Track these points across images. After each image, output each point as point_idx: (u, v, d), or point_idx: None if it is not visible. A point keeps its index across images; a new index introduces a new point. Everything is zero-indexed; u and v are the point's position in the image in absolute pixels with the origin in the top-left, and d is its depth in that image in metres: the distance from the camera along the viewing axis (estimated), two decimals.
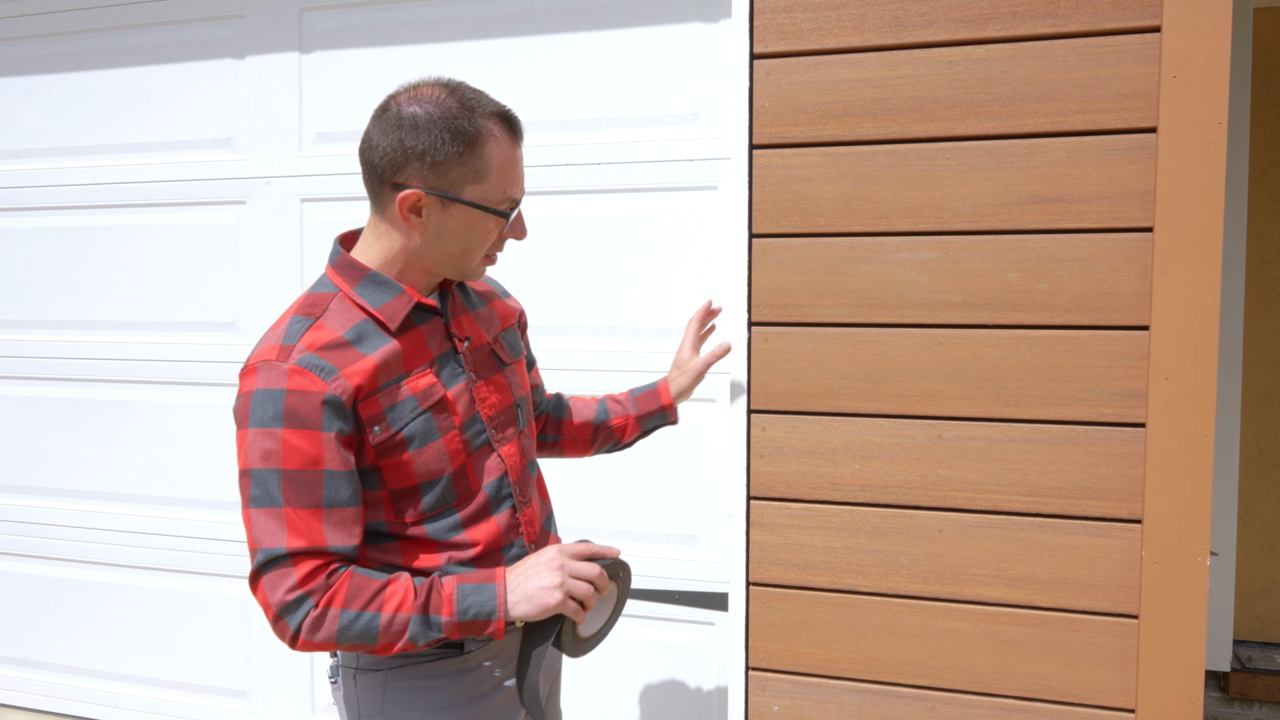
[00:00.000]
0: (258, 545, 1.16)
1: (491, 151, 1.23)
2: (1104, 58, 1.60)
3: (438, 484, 1.29)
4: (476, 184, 1.23)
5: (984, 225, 1.67)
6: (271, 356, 1.18)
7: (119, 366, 2.67)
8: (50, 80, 2.68)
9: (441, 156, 1.20)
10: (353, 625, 1.17)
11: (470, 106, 1.22)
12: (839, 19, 1.71)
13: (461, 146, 1.21)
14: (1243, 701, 2.95)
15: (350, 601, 1.16)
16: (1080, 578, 1.66)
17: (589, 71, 2.25)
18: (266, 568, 1.16)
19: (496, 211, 1.26)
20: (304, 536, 1.16)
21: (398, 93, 1.25)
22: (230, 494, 2.60)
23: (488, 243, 1.29)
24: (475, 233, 1.26)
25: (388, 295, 1.27)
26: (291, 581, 1.15)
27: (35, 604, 2.83)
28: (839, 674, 1.79)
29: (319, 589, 1.16)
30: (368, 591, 1.18)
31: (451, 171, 1.21)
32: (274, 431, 1.15)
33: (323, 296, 1.27)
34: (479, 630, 1.22)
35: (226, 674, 2.66)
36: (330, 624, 1.16)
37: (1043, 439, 1.66)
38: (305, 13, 2.45)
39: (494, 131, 1.23)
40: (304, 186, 2.48)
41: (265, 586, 1.16)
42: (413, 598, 1.19)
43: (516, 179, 1.28)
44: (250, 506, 1.16)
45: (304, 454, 1.16)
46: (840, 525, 1.77)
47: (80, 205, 2.68)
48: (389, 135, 1.21)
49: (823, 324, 1.76)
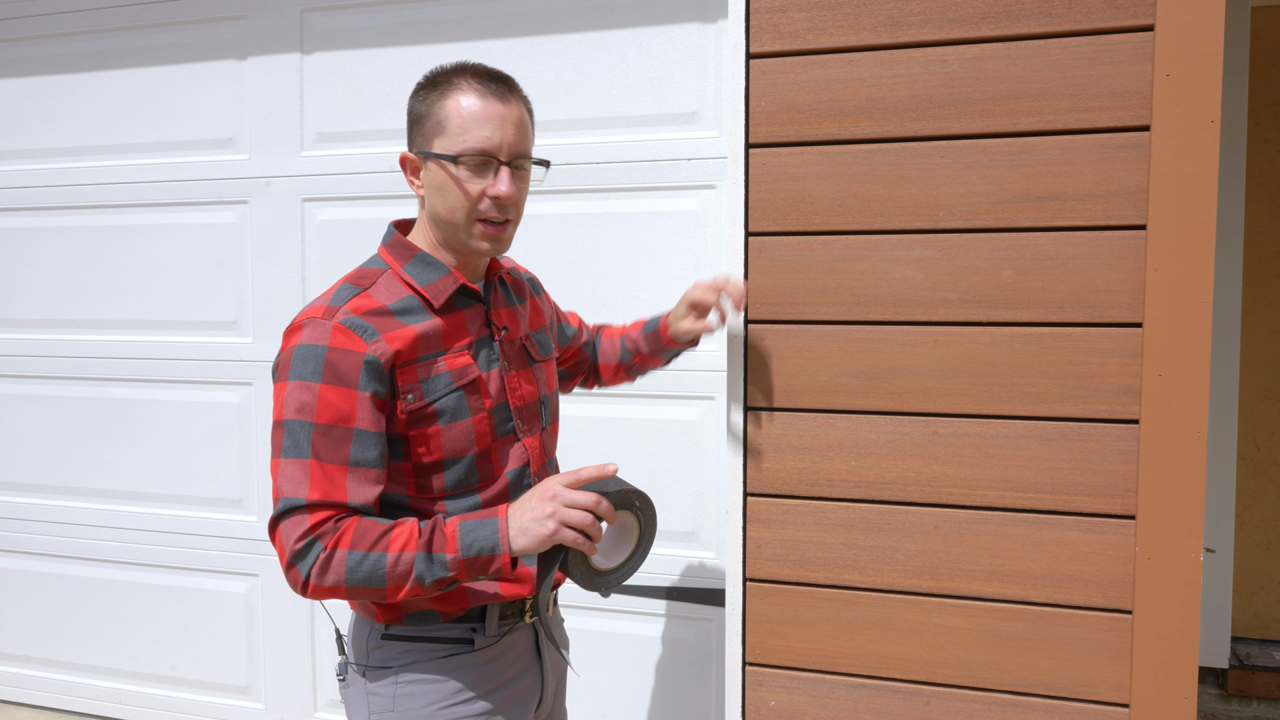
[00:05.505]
0: (281, 493, 1.19)
1: (451, 103, 1.26)
2: (1098, 56, 1.61)
3: (461, 462, 1.31)
4: (440, 136, 1.27)
5: (979, 223, 1.68)
6: (317, 315, 1.23)
7: (122, 365, 2.69)
8: (54, 81, 2.70)
9: (416, 115, 1.29)
10: (360, 566, 1.17)
11: (450, 68, 1.29)
12: (834, 19, 1.73)
13: (429, 102, 1.28)
14: (1241, 698, 2.95)
15: (357, 543, 1.18)
16: (1074, 573, 1.67)
17: (588, 71, 2.26)
18: (284, 515, 1.19)
19: (447, 157, 1.26)
20: (324, 490, 1.18)
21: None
22: (232, 492, 2.62)
23: (466, 201, 1.28)
24: (450, 188, 1.27)
25: (434, 275, 1.32)
26: (303, 528, 1.17)
27: (39, 601, 2.84)
28: (835, 669, 1.80)
29: (328, 532, 1.18)
30: (374, 534, 1.19)
31: (425, 126, 1.28)
32: (311, 385, 1.18)
33: (373, 271, 1.32)
34: (485, 567, 1.21)
35: (229, 670, 2.68)
36: (338, 566, 1.17)
37: (1037, 435, 1.67)
38: (306, 14, 2.46)
39: (460, 84, 1.27)
40: (305, 186, 2.49)
41: (281, 534, 1.19)
42: (417, 536, 1.20)
43: (481, 127, 1.25)
44: (279, 456, 1.19)
45: (337, 410, 1.19)
46: (836, 521, 1.78)
47: (84, 205, 2.70)
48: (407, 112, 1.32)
49: (819, 321, 1.77)
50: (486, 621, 1.35)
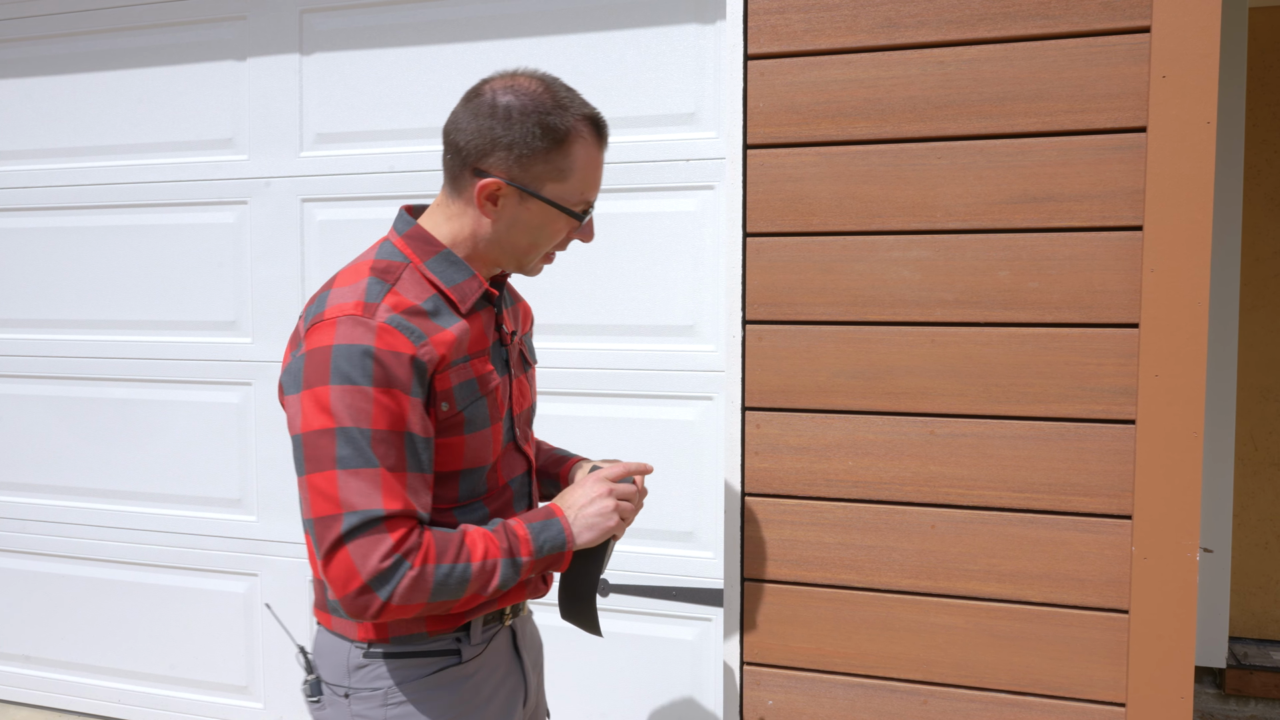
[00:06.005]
0: (348, 508, 1.09)
1: (577, 152, 1.23)
2: (1094, 58, 1.61)
3: (477, 472, 1.28)
4: (557, 182, 1.23)
5: (976, 224, 1.69)
6: (355, 312, 1.14)
7: (121, 365, 2.69)
8: (53, 81, 2.70)
9: (528, 151, 1.20)
10: (447, 580, 1.15)
11: (564, 104, 1.22)
12: (832, 20, 1.73)
13: (549, 143, 1.20)
14: (1239, 698, 2.96)
15: (441, 556, 1.15)
16: (1071, 573, 1.67)
17: (587, 72, 2.27)
18: (357, 532, 1.09)
19: (571, 212, 1.25)
20: (399, 499, 1.12)
21: (493, 79, 1.24)
22: (232, 491, 2.62)
23: (555, 241, 1.29)
24: (546, 230, 1.26)
25: (460, 276, 1.26)
26: (386, 546, 1.10)
27: (38, 601, 2.85)
28: (833, 668, 1.81)
29: (413, 548, 1.12)
30: (451, 545, 1.17)
31: (536, 166, 1.21)
32: (364, 389, 1.11)
33: (395, 264, 1.23)
34: (548, 565, 1.26)
35: (228, 669, 2.68)
36: (426, 582, 1.13)
37: (1034, 435, 1.68)
38: (306, 14, 2.47)
39: (583, 133, 1.23)
40: (305, 187, 2.50)
41: (354, 555, 1.09)
42: (497, 542, 1.20)
43: (595, 183, 1.28)
44: (337, 467, 1.10)
45: (392, 414, 1.13)
46: (834, 521, 1.79)
47: (83, 205, 2.70)
48: (479, 120, 1.20)
49: (816, 322, 1.78)
50: (471, 630, 1.31)
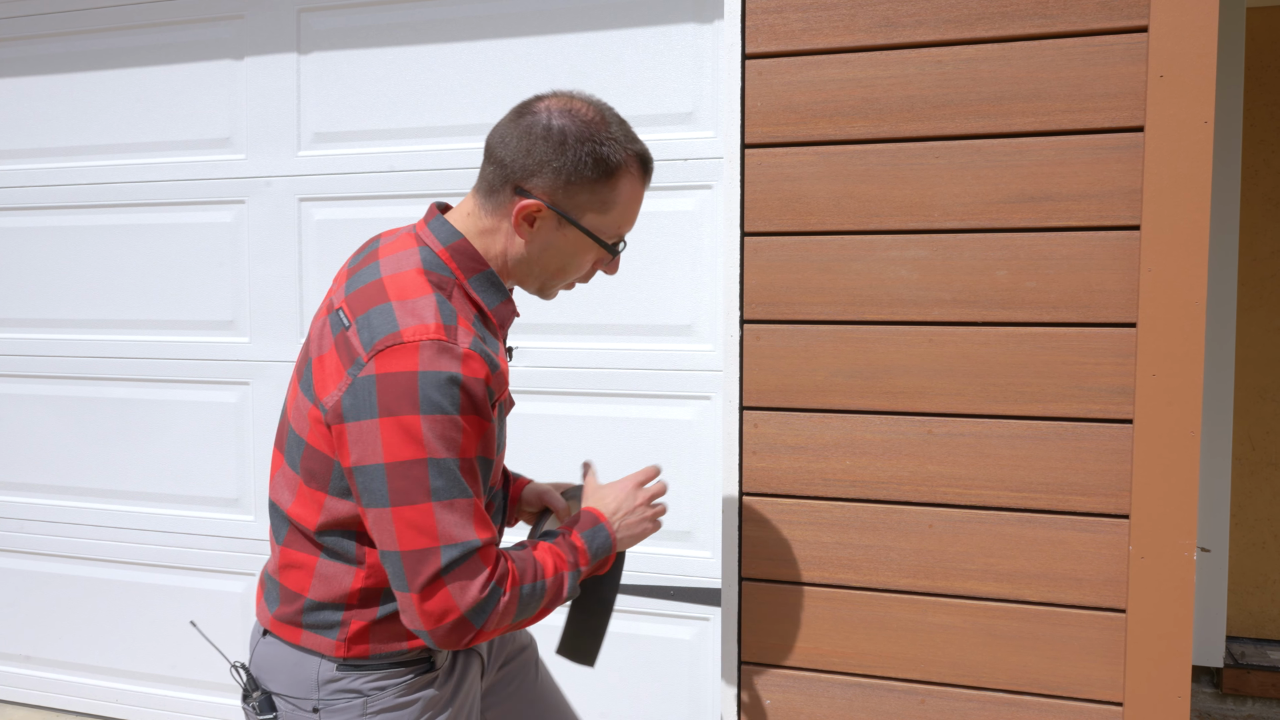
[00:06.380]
0: (446, 540, 1.08)
1: (623, 187, 1.23)
2: (1092, 57, 1.61)
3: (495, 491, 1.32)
4: (598, 213, 1.23)
5: (973, 223, 1.69)
6: (439, 336, 1.10)
7: (118, 365, 2.69)
8: (50, 81, 2.70)
9: (576, 178, 1.19)
10: (531, 598, 1.17)
11: (617, 137, 1.21)
12: (829, 19, 1.73)
13: (598, 174, 1.20)
14: (1236, 697, 2.96)
15: (523, 578, 1.17)
16: (1068, 572, 1.68)
17: (584, 72, 2.26)
18: (455, 565, 1.09)
19: (605, 245, 1.25)
20: (487, 526, 1.13)
21: (547, 98, 1.22)
22: (229, 491, 2.62)
23: (583, 270, 1.29)
24: (577, 258, 1.26)
25: (498, 298, 1.25)
26: (484, 578, 1.10)
27: (36, 600, 2.85)
28: (830, 668, 1.81)
29: (503, 575, 1.13)
30: (528, 565, 1.19)
31: (580, 195, 1.20)
32: (454, 418, 1.09)
33: (445, 280, 1.20)
34: (598, 569, 1.32)
35: (226, 670, 2.68)
36: (514, 604, 1.14)
37: (1031, 435, 1.68)
38: (303, 14, 2.47)
39: (632, 169, 1.23)
40: (302, 186, 2.49)
41: (452, 589, 1.09)
42: (563, 556, 1.24)
43: (633, 218, 1.28)
44: (432, 499, 1.08)
45: (477, 442, 1.13)
46: (831, 521, 1.79)
47: (80, 205, 2.70)
48: (529, 140, 1.19)
49: (814, 321, 1.78)
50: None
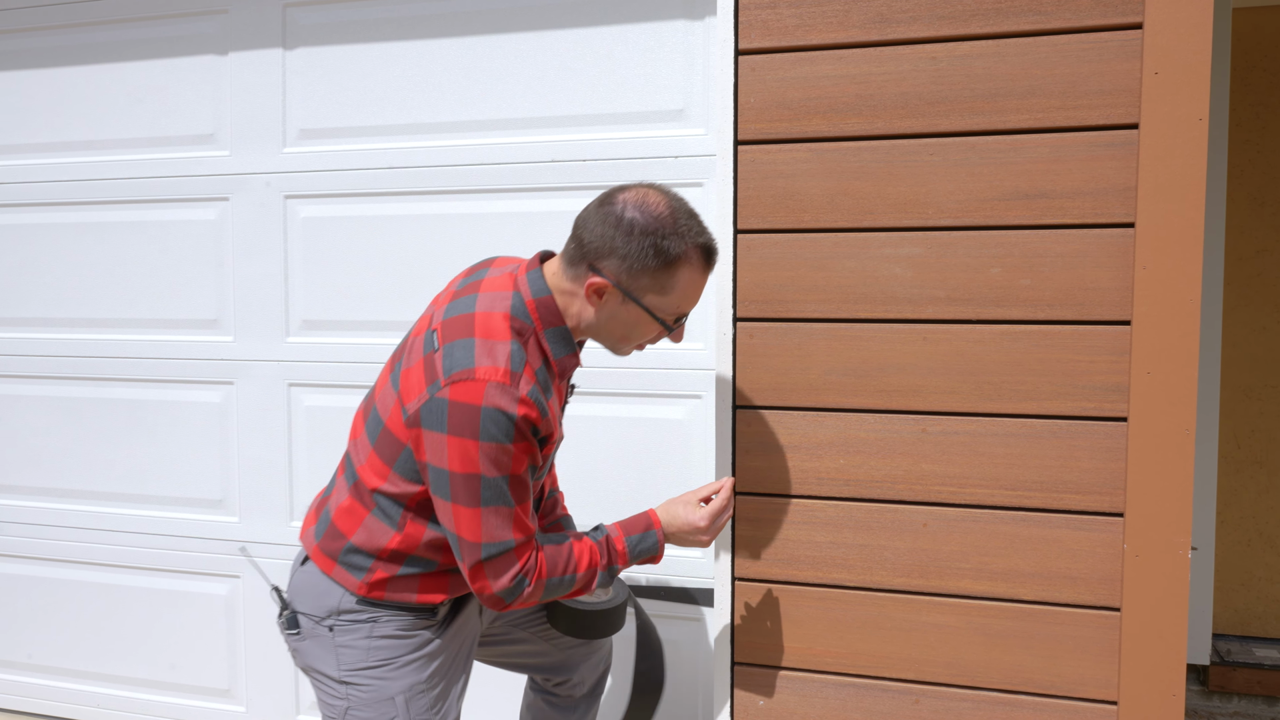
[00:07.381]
0: (488, 539, 1.38)
1: (682, 275, 1.41)
2: (1086, 54, 1.61)
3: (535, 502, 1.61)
4: (658, 295, 1.42)
5: (968, 221, 1.68)
6: (503, 380, 1.35)
7: (100, 364, 2.65)
8: (28, 75, 2.65)
9: (639, 265, 1.38)
10: (557, 586, 1.47)
11: (681, 231, 1.39)
12: (823, 15, 1.72)
13: (659, 263, 1.38)
14: (1222, 694, 2.97)
15: (552, 570, 1.46)
16: (1063, 571, 1.67)
17: (573, 68, 2.25)
18: (493, 558, 1.40)
19: (663, 322, 1.46)
20: (524, 528, 1.41)
21: (628, 189, 1.42)
22: (213, 492, 2.58)
23: (647, 338, 1.50)
24: (639, 329, 1.47)
25: (565, 350, 1.47)
26: (514, 570, 1.41)
27: (14, 605, 2.80)
28: (824, 668, 1.80)
29: (531, 569, 1.43)
30: (561, 558, 1.47)
31: (642, 279, 1.40)
32: (505, 446, 1.35)
33: (525, 327, 1.42)
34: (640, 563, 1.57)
35: (210, 672, 2.64)
36: (540, 590, 1.45)
37: (1026, 433, 1.67)
38: (289, 8, 2.43)
39: (692, 259, 1.41)
40: (287, 183, 2.46)
41: (487, 573, 1.41)
42: (599, 556, 1.51)
43: (693, 300, 1.47)
44: (482, 505, 1.37)
45: (520, 462, 1.38)
46: (825, 520, 1.78)
47: (62, 201, 2.65)
48: (605, 226, 1.39)
49: (808, 319, 1.77)
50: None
